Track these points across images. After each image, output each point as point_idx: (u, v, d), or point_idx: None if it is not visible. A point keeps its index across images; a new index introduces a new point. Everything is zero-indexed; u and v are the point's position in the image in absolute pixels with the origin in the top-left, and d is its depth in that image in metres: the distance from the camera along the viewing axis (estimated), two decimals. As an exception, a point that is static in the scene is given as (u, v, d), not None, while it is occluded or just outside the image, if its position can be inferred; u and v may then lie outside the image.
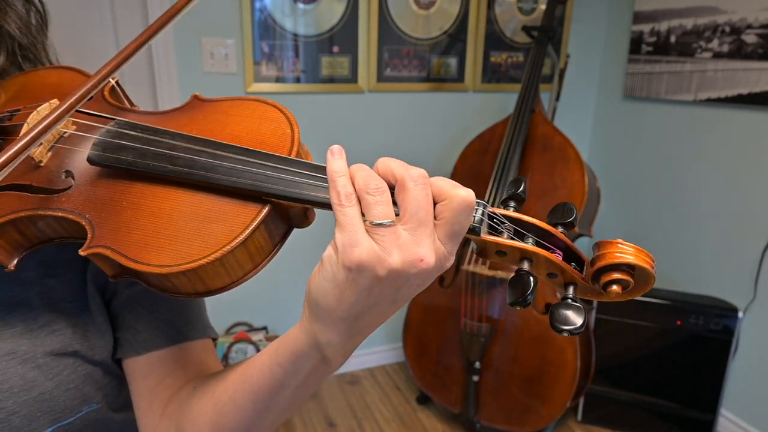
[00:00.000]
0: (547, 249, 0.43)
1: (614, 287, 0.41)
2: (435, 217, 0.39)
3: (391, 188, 0.40)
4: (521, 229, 0.43)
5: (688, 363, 2.06)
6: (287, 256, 1.06)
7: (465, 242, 0.43)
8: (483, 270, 1.93)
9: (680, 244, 2.32)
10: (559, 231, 0.44)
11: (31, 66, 0.62)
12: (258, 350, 2.14)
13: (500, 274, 1.92)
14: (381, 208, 0.38)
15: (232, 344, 2.16)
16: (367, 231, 0.38)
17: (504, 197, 0.45)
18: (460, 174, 2.18)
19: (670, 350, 2.08)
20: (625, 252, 0.41)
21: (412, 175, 0.39)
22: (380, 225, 0.38)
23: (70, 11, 1.88)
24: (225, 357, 2.14)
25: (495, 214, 0.43)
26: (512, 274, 0.42)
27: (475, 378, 2.01)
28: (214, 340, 0.64)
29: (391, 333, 2.63)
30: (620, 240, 0.42)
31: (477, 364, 2.00)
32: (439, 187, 0.39)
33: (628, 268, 0.41)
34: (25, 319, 0.53)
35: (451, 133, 2.46)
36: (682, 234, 2.31)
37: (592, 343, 2.08)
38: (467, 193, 0.39)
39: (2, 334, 0.52)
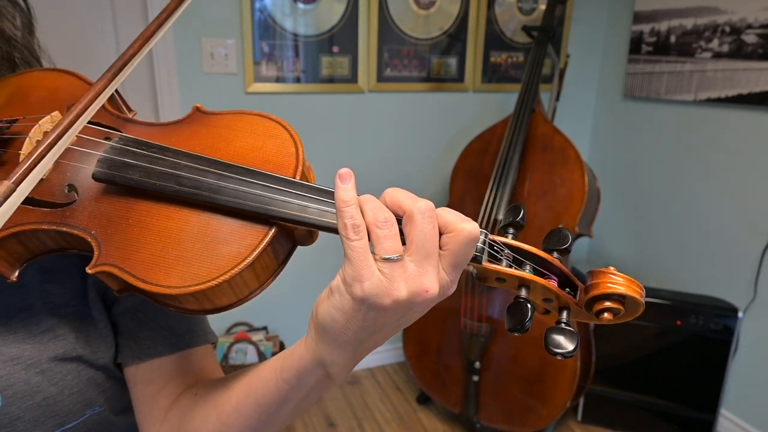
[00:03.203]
0: (544, 276, 0.45)
1: (606, 315, 0.43)
2: (440, 248, 0.40)
3: (398, 217, 0.41)
4: (520, 257, 0.45)
5: (688, 363, 2.06)
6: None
7: None
8: (483, 270, 1.93)
9: (680, 244, 2.32)
10: (555, 258, 0.45)
11: (23, 69, 0.61)
12: (258, 350, 2.14)
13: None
14: (389, 243, 0.39)
15: (232, 344, 2.16)
16: (375, 261, 0.39)
17: (503, 224, 0.47)
18: (460, 174, 2.18)
19: (670, 350, 2.08)
20: (617, 282, 0.42)
21: (420, 208, 0.40)
22: (389, 260, 0.39)
23: (71, 13, 1.88)
24: (225, 357, 2.14)
25: (495, 242, 0.45)
26: (511, 300, 0.44)
27: (475, 378, 2.02)
28: (213, 344, 0.65)
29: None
30: (612, 269, 0.43)
31: (477, 364, 2.00)
32: (445, 219, 0.41)
33: (619, 297, 0.43)
34: (27, 325, 0.53)
35: (451, 133, 2.46)
36: (682, 234, 2.31)
37: (592, 343, 2.08)
38: (473, 227, 0.40)
39: (5, 339, 0.52)
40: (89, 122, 0.51)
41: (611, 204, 2.59)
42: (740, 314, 1.98)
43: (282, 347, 2.27)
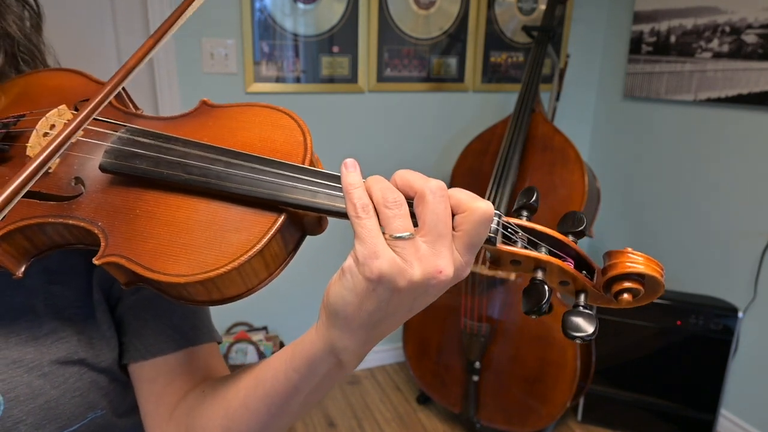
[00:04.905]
0: (560, 258, 0.44)
1: (625, 296, 0.42)
2: (453, 229, 0.39)
3: (409, 199, 0.40)
4: (535, 239, 0.44)
5: (688, 363, 2.06)
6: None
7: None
8: (483, 270, 1.93)
9: (680, 244, 2.32)
10: (570, 240, 0.44)
11: (29, 68, 0.61)
12: (258, 350, 2.14)
13: (500, 274, 1.92)
14: (399, 221, 0.38)
15: (232, 344, 2.16)
16: (386, 242, 0.38)
17: (516, 207, 0.46)
18: (460, 174, 2.18)
19: (670, 350, 2.07)
20: (636, 261, 0.41)
21: (431, 188, 0.39)
22: (399, 238, 0.38)
23: (71, 13, 1.88)
24: (225, 357, 2.14)
25: (510, 224, 0.44)
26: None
27: (475, 378, 2.02)
28: (219, 343, 0.64)
29: (392, 333, 2.62)
30: (630, 249, 0.42)
31: (477, 364, 2.00)
32: (457, 199, 0.40)
33: (638, 277, 0.41)
34: (30, 327, 0.53)
35: (451, 133, 2.46)
36: (682, 234, 2.31)
37: (592, 343, 2.08)
38: (486, 206, 0.39)
39: (8, 341, 0.52)
40: (97, 118, 0.51)
41: (611, 204, 2.59)
42: (740, 314, 1.98)
43: (282, 347, 2.27)
